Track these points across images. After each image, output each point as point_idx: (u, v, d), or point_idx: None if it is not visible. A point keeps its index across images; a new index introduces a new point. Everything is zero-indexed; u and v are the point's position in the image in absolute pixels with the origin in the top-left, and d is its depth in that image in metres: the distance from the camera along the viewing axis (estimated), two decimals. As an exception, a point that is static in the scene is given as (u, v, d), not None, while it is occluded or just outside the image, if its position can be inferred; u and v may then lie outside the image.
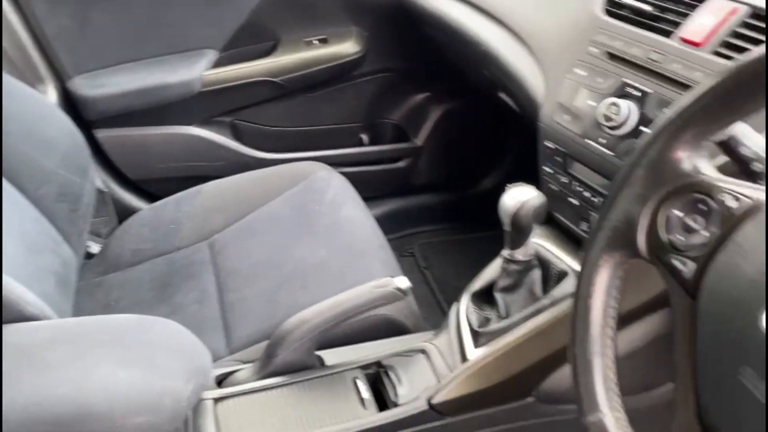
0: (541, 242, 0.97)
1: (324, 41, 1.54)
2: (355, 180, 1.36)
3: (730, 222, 0.50)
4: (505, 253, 0.92)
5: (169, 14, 1.44)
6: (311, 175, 1.34)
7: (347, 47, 1.54)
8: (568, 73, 0.95)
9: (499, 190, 0.89)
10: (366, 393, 0.88)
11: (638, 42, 0.88)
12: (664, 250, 0.54)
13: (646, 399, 0.84)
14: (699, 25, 0.83)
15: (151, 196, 1.51)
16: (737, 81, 0.51)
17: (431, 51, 1.55)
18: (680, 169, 0.55)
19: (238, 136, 1.60)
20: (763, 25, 0.79)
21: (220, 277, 1.19)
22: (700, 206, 0.53)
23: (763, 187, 0.52)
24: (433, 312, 1.56)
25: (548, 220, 1.05)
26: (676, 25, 0.86)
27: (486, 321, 0.94)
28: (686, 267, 0.53)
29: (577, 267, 0.69)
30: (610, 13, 0.95)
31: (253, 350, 1.01)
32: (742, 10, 0.81)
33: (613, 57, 0.91)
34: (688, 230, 0.53)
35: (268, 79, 1.51)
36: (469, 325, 0.93)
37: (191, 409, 0.83)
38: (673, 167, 0.55)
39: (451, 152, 1.76)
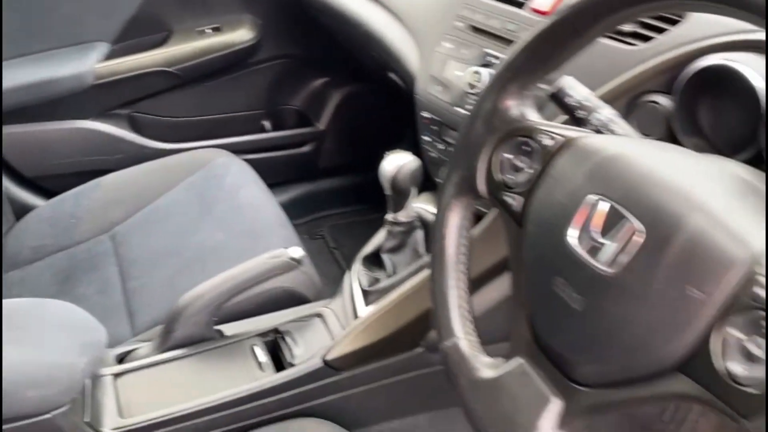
0: (423, 205, 1.03)
1: (217, 30, 1.56)
2: (260, 167, 1.39)
3: (546, 158, 0.58)
4: (389, 216, 0.98)
5: (58, 8, 1.43)
6: (210, 162, 1.37)
7: (241, 35, 1.57)
8: (438, 47, 1.02)
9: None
10: (263, 357, 0.93)
11: (496, 14, 0.96)
12: (499, 189, 0.61)
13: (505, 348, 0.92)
14: (546, -5, 0.92)
15: (49, 193, 1.49)
16: (547, 35, 0.58)
17: (325, 36, 1.60)
18: (509, 116, 0.62)
19: (136, 128, 1.60)
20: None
21: (123, 267, 1.21)
22: (525, 148, 0.60)
23: (574, 128, 0.60)
24: (343, 290, 1.61)
25: (433, 186, 1.12)
26: (531, -4, 0.95)
27: (375, 281, 1.00)
28: (515, 201, 0.60)
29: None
30: (472, -12, 1.02)
31: (155, 331, 1.03)
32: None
33: (475, 29, 0.98)
34: (516, 169, 0.60)
35: (163, 69, 1.52)
36: (360, 286, 0.99)
37: (91, 384, 0.86)
38: (503, 116, 0.62)
39: (354, 135, 1.81)
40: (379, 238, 1.04)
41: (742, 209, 0.47)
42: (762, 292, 0.42)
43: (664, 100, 0.78)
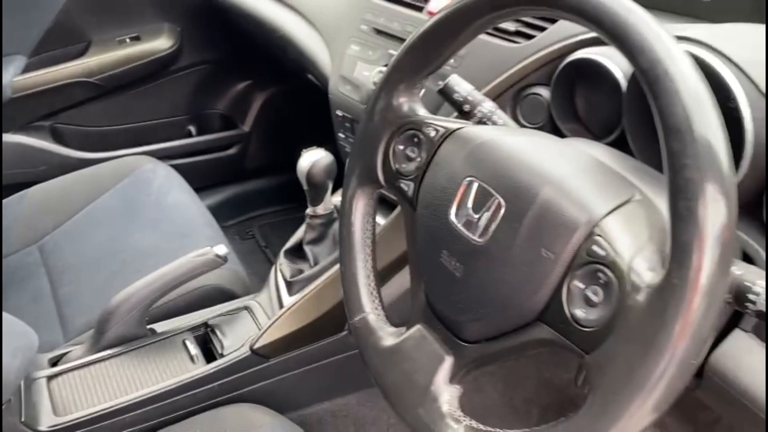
0: (340, 199, 1.10)
1: (137, 39, 1.59)
2: (188, 171, 1.43)
3: (432, 147, 0.65)
4: (309, 210, 1.05)
5: (-31, 22, 1.42)
6: (137, 168, 1.40)
7: (161, 43, 1.61)
8: (347, 49, 1.09)
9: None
10: (195, 350, 0.98)
11: (397, 18, 1.04)
12: (395, 178, 0.69)
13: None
14: (441, 0, 1.00)
15: (-28, 209, 1.49)
16: (426, 37, 0.65)
17: (245, 41, 1.64)
18: (401, 112, 0.69)
19: (59, 139, 1.61)
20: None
21: (53, 276, 1.23)
22: (415, 139, 0.68)
23: (455, 121, 0.67)
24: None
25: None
26: (426, 1, 1.02)
27: (299, 272, 1.06)
28: (408, 187, 0.67)
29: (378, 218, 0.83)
30: (374, -6, 1.10)
31: (88, 335, 1.06)
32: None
33: (379, 32, 1.06)
34: (409, 159, 0.68)
35: (84, 79, 1.54)
36: (284, 277, 1.05)
37: (24, 387, 0.89)
38: (396, 112, 0.69)
39: (279, 135, 1.86)
40: (300, 231, 1.10)
41: (587, 182, 0.55)
42: (598, 250, 0.50)
43: (544, 92, 0.87)
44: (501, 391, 1.27)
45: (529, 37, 0.91)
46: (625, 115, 0.75)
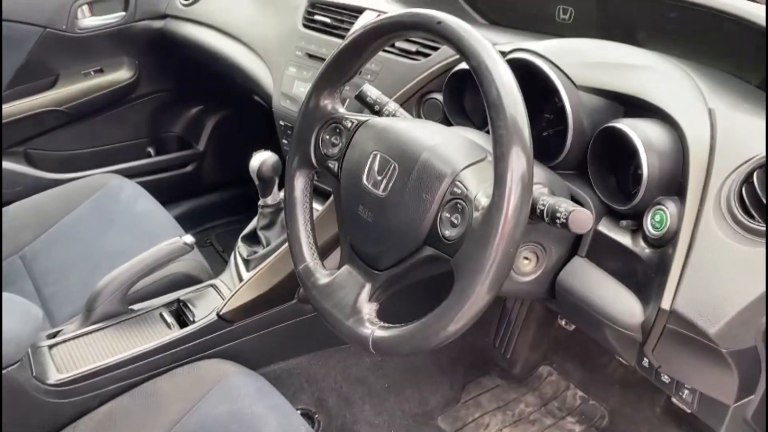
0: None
1: (100, 71, 1.80)
2: (149, 188, 1.62)
3: (349, 134, 0.89)
4: (260, 201, 1.27)
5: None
6: (106, 184, 1.59)
7: (121, 74, 1.82)
8: (286, 71, 1.34)
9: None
10: (170, 319, 1.18)
11: (325, 44, 1.29)
12: (324, 160, 0.93)
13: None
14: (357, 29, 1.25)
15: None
16: (340, 56, 0.90)
17: (196, 71, 1.87)
18: (326, 111, 0.93)
19: (33, 163, 1.79)
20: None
21: (37, 279, 1.40)
22: (337, 130, 0.92)
23: (365, 115, 0.92)
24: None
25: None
26: (347, 30, 1.28)
27: (254, 253, 1.28)
28: (334, 166, 0.91)
29: (316, 206, 1.06)
30: (306, 26, 1.35)
31: (75, 319, 1.25)
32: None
33: (311, 56, 1.31)
34: (333, 145, 0.92)
35: (54, 108, 1.73)
36: (242, 257, 1.27)
37: (32, 353, 1.08)
38: (322, 111, 0.93)
39: (231, 152, 2.08)
40: (254, 221, 1.32)
41: (453, 148, 0.80)
42: (458, 190, 0.75)
43: (439, 96, 1.13)
44: (429, 354, 1.51)
45: (426, 55, 1.17)
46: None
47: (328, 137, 0.93)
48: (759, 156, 0.75)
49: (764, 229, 0.71)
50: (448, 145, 0.81)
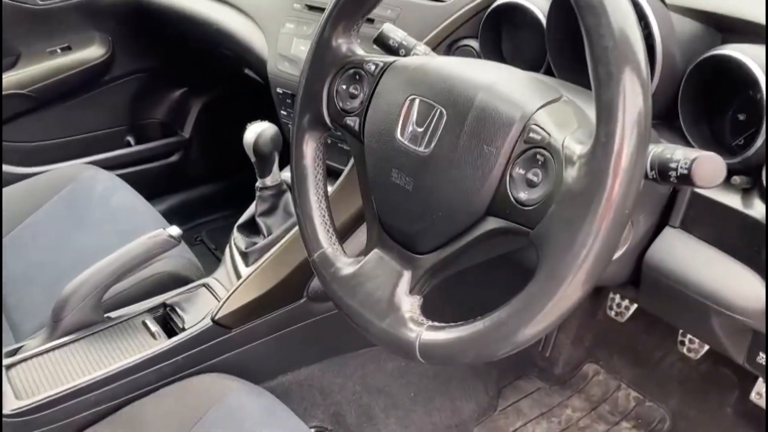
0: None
1: (67, 49, 1.58)
2: (130, 181, 1.42)
3: (373, 81, 0.69)
4: (258, 183, 1.07)
5: None
6: (77, 177, 1.39)
7: (92, 52, 1.61)
8: (282, 29, 1.13)
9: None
10: (155, 327, 0.98)
11: (328, -7, 1.08)
12: (341, 116, 0.72)
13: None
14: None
15: None
16: None
17: (179, 48, 1.66)
18: (340, 53, 0.73)
19: (-3, 156, 1.58)
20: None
21: (-2, 287, 1.20)
22: (357, 77, 0.71)
23: (391, 56, 0.72)
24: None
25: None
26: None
27: (253, 244, 1.07)
28: (355, 123, 0.71)
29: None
30: (304, -26, 1.14)
31: (41, 332, 1.05)
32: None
33: (311, 8, 1.10)
34: (352, 96, 0.72)
35: (16, 92, 1.52)
36: (239, 250, 1.07)
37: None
38: (335, 53, 0.73)
39: (221, 140, 1.87)
40: (252, 206, 1.12)
41: (517, 86, 0.60)
42: (535, 136, 0.55)
43: (473, 43, 0.93)
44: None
45: (453, -5, 0.97)
46: (549, 50, 0.81)
47: (345, 87, 0.72)
48: None
49: None
50: (512, 82, 0.61)
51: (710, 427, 1.21)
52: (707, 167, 0.51)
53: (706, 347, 1.13)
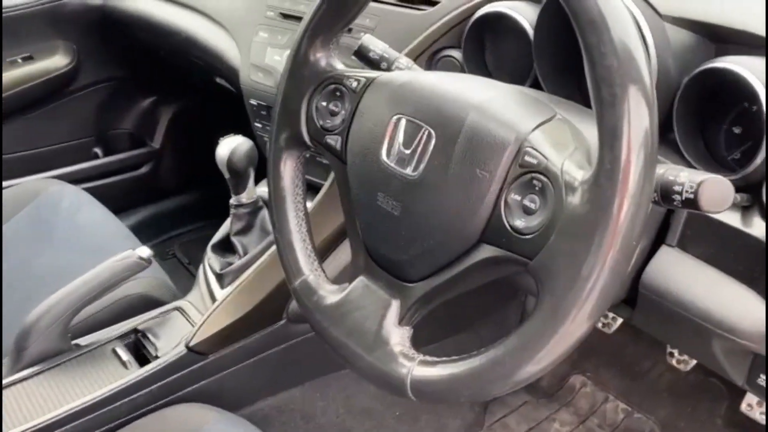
0: (265, 188, 1.09)
1: (29, 59, 1.51)
2: (99, 194, 1.37)
3: (355, 98, 0.65)
4: (232, 200, 1.02)
5: None
6: (42, 192, 1.32)
7: (56, 61, 1.55)
8: (255, 37, 1.09)
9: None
10: (126, 356, 0.93)
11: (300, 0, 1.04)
12: (321, 135, 0.68)
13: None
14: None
15: None
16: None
17: (147, 55, 1.60)
18: (319, 68, 0.69)
19: (-45, 171, 1.51)
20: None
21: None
22: (337, 93, 0.67)
23: (373, 71, 0.68)
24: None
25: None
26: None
27: (228, 265, 1.03)
28: (336, 141, 0.67)
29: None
30: (277, -19, 1.10)
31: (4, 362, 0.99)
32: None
33: (285, 16, 1.06)
34: (333, 114, 0.68)
35: (-25, 104, 1.45)
36: (213, 271, 1.02)
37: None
38: (313, 68, 0.69)
39: (193, 150, 1.81)
40: (226, 224, 1.07)
41: (510, 105, 0.57)
42: (531, 159, 0.51)
43: (456, 53, 0.89)
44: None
45: (434, 3, 0.94)
46: (536, 61, 0.77)
47: (324, 104, 0.68)
48: None
49: None
50: (504, 101, 0.57)
51: (699, 439, 1.19)
52: (714, 191, 0.48)
53: (693, 362, 1.12)
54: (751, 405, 1.09)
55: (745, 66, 0.61)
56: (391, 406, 1.18)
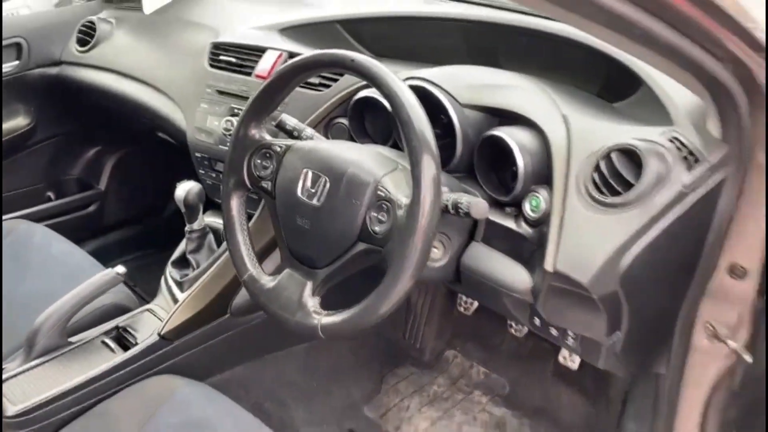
0: (210, 219, 1.46)
1: (-4, 121, 1.81)
2: (55, 231, 1.65)
3: (279, 158, 1.04)
4: (187, 227, 1.38)
5: None
6: (12, 231, 1.61)
7: (18, 122, 1.84)
8: (198, 107, 1.46)
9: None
10: (113, 344, 1.26)
11: (234, 81, 1.43)
12: (257, 181, 1.07)
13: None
14: (263, 66, 1.41)
15: None
16: (266, 90, 1.05)
17: (94, 112, 1.92)
18: (254, 139, 1.08)
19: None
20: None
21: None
22: (267, 155, 1.06)
23: (291, 140, 1.08)
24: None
25: (213, 205, 1.54)
26: (252, 68, 1.43)
27: (186, 276, 1.38)
28: (268, 185, 1.05)
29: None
30: (212, 66, 1.48)
31: (16, 355, 1.28)
32: (283, 56, 1.40)
33: (221, 92, 1.44)
34: (265, 168, 1.06)
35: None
36: (174, 280, 1.37)
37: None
38: (251, 139, 1.07)
39: (134, 190, 2.14)
40: (181, 246, 1.43)
41: (372, 161, 0.98)
42: (381, 193, 0.92)
43: (345, 121, 1.31)
44: (349, 352, 1.67)
45: (328, 86, 1.35)
46: (394, 129, 1.20)
47: (259, 161, 1.07)
48: (603, 147, 0.99)
49: (611, 202, 0.95)
50: (367, 159, 0.98)
51: (536, 388, 1.64)
52: (479, 206, 0.91)
53: (526, 329, 1.56)
54: (564, 357, 1.54)
55: (506, 133, 1.05)
56: (310, 379, 1.56)
